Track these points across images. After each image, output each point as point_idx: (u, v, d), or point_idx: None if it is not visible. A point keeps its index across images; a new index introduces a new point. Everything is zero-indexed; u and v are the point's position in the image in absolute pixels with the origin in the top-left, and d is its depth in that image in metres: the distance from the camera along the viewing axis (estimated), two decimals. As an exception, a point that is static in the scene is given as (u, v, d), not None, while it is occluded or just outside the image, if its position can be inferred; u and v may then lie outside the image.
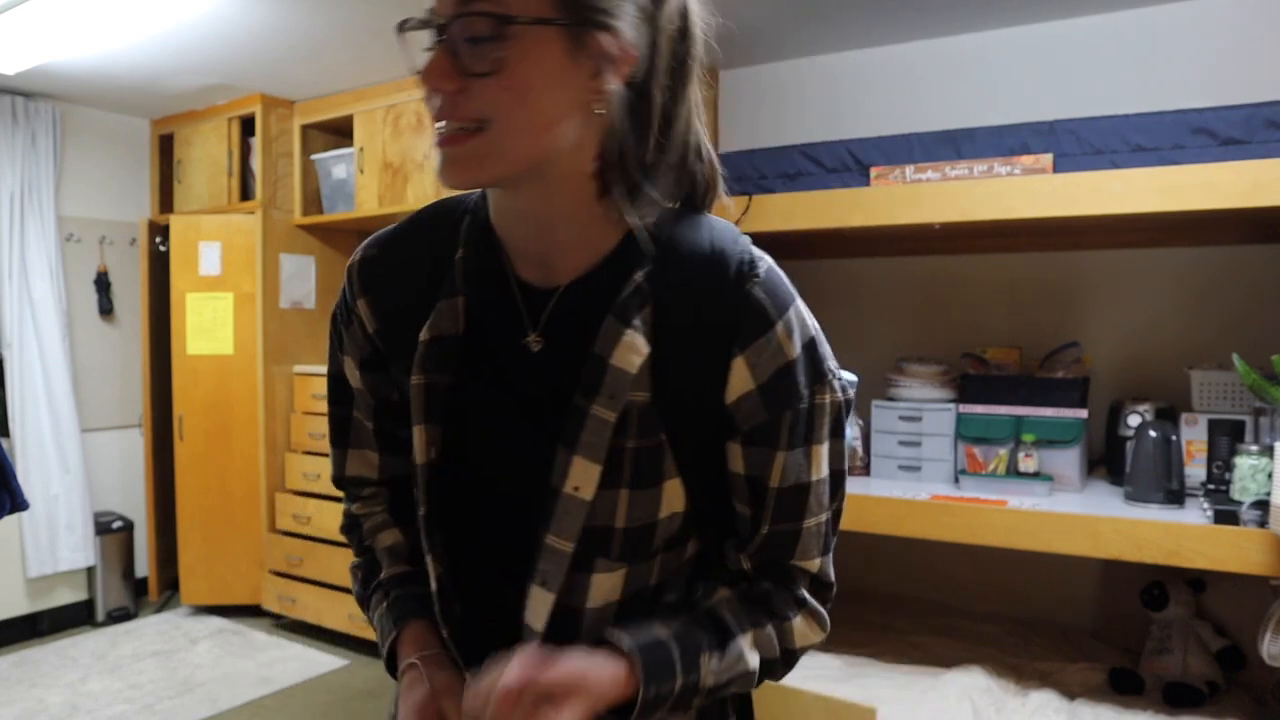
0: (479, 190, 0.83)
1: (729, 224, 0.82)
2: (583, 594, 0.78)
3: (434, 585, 0.82)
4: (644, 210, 0.75)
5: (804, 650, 0.85)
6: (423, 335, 0.78)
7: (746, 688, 0.83)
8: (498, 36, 0.67)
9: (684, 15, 0.77)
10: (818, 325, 0.82)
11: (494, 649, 0.73)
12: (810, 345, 0.79)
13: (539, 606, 0.77)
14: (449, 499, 0.81)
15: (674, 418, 0.76)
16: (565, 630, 0.78)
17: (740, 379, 0.76)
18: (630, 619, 0.79)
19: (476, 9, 0.67)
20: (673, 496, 0.79)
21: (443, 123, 0.70)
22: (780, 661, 0.84)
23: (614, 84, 0.71)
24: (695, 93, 0.80)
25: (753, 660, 0.80)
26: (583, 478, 0.74)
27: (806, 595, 0.83)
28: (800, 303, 0.80)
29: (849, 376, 0.88)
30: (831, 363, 0.82)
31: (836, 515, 0.84)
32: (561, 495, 0.75)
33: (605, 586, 0.79)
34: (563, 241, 0.77)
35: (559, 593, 0.77)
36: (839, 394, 0.81)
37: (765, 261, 0.80)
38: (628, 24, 0.71)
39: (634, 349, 0.74)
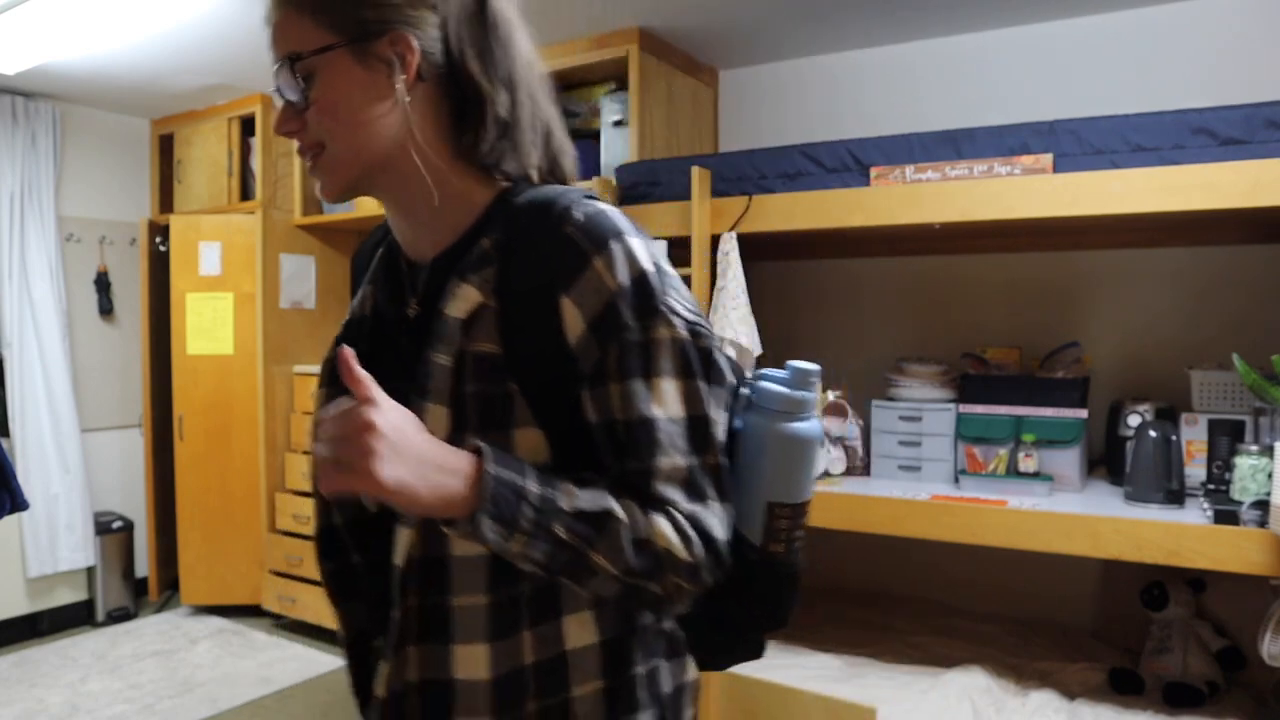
0: None
1: (579, 189, 0.86)
2: (444, 539, 0.79)
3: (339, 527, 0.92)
4: (497, 185, 0.86)
5: (672, 560, 0.77)
6: (343, 321, 0.94)
7: (614, 553, 0.75)
8: (300, 74, 0.80)
9: (483, 6, 0.84)
10: (662, 265, 0.82)
11: (376, 590, 0.84)
12: (641, 279, 0.79)
13: (401, 544, 0.80)
14: None
15: (521, 367, 0.79)
16: (434, 576, 0.80)
17: (572, 319, 0.78)
18: (501, 569, 0.78)
19: (278, 59, 0.81)
20: (530, 447, 0.79)
21: (302, 155, 0.84)
22: (653, 552, 0.76)
23: (403, 80, 0.80)
24: (529, 74, 0.86)
25: (617, 509, 0.75)
26: (435, 422, 0.78)
27: (678, 514, 0.78)
28: (633, 240, 0.80)
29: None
30: (673, 300, 0.80)
31: (714, 471, 0.81)
32: None
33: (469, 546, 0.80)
34: (426, 223, 0.86)
35: (422, 534, 0.79)
36: (682, 332, 0.80)
37: (591, 205, 0.81)
38: (407, 24, 0.80)
39: (464, 298, 0.80)
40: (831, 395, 2.62)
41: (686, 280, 2.62)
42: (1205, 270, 2.65)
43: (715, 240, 2.58)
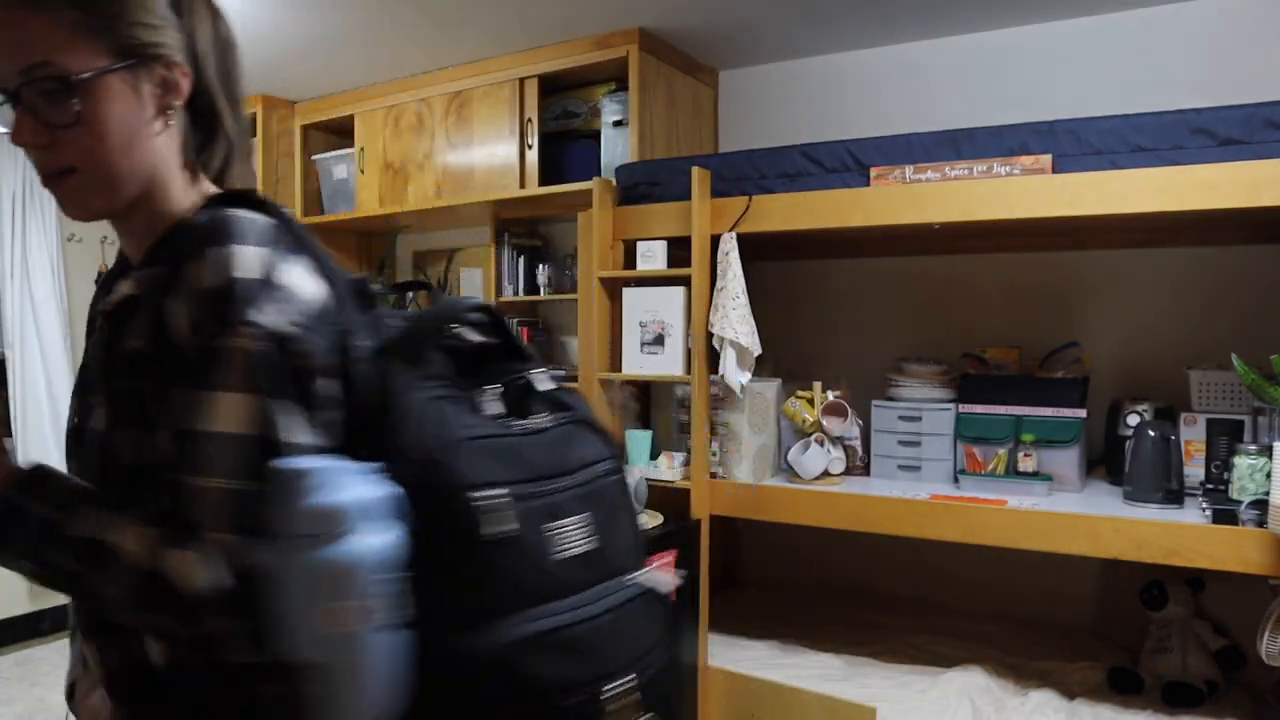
0: None
1: (240, 204, 0.82)
2: None
3: None
4: (205, 198, 0.86)
5: (180, 584, 0.70)
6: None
7: (106, 585, 0.72)
8: (69, 92, 0.75)
9: (222, 28, 0.87)
10: (274, 277, 0.76)
11: None
12: (227, 286, 0.73)
13: None
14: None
15: (151, 368, 0.77)
16: None
17: (175, 320, 0.75)
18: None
19: (42, 75, 0.75)
20: (166, 450, 0.75)
21: (41, 175, 0.79)
22: (147, 586, 0.71)
23: (177, 102, 0.81)
24: (243, 94, 0.90)
25: (116, 540, 0.72)
26: (99, 416, 0.80)
27: (203, 539, 0.72)
28: (237, 247, 0.75)
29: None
30: (264, 311, 0.74)
31: (247, 499, 0.72)
32: (86, 432, 0.82)
33: None
34: (145, 235, 0.85)
35: None
36: (258, 344, 0.73)
37: (222, 213, 0.78)
38: (173, 48, 0.80)
39: (115, 296, 0.81)
40: (831, 395, 2.62)
41: (686, 280, 2.63)
42: (1205, 270, 2.65)
43: (715, 240, 2.59)
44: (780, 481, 2.68)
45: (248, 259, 0.75)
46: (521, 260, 3.65)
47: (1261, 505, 1.96)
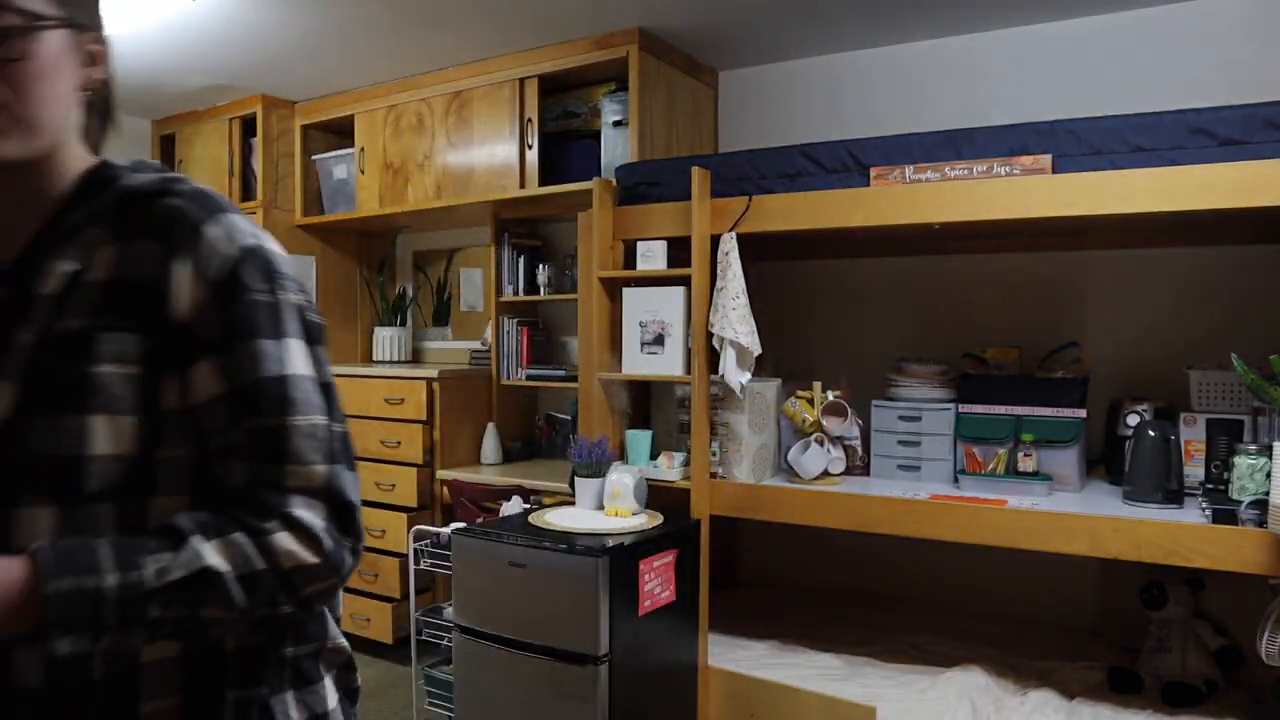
0: None
1: (148, 162, 0.89)
2: (7, 535, 0.73)
3: None
4: (84, 166, 0.84)
5: (302, 573, 0.75)
6: None
7: (225, 604, 0.72)
8: (20, 31, 0.75)
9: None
10: (264, 239, 0.83)
11: None
12: (255, 248, 0.80)
13: None
14: None
15: (115, 344, 0.75)
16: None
17: (185, 285, 0.77)
18: None
19: (11, 4, 0.75)
20: (112, 434, 0.74)
21: None
22: (273, 579, 0.73)
23: (97, 76, 0.83)
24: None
25: (216, 561, 0.71)
26: (3, 405, 0.74)
27: (298, 512, 0.76)
28: (237, 216, 0.81)
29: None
30: (285, 269, 0.83)
31: (344, 438, 0.81)
32: None
33: (34, 527, 0.73)
34: (34, 212, 0.81)
35: None
36: (303, 299, 0.83)
37: (189, 182, 0.84)
38: (101, 28, 0.84)
39: (54, 275, 0.77)
40: (831, 395, 2.63)
41: (686, 280, 2.63)
42: (1204, 270, 2.65)
43: (715, 240, 2.59)
44: (780, 481, 2.68)
45: (248, 224, 0.81)
46: (521, 260, 3.65)
47: (1261, 505, 1.96)
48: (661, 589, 2.44)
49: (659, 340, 2.71)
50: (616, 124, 3.14)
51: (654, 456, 2.77)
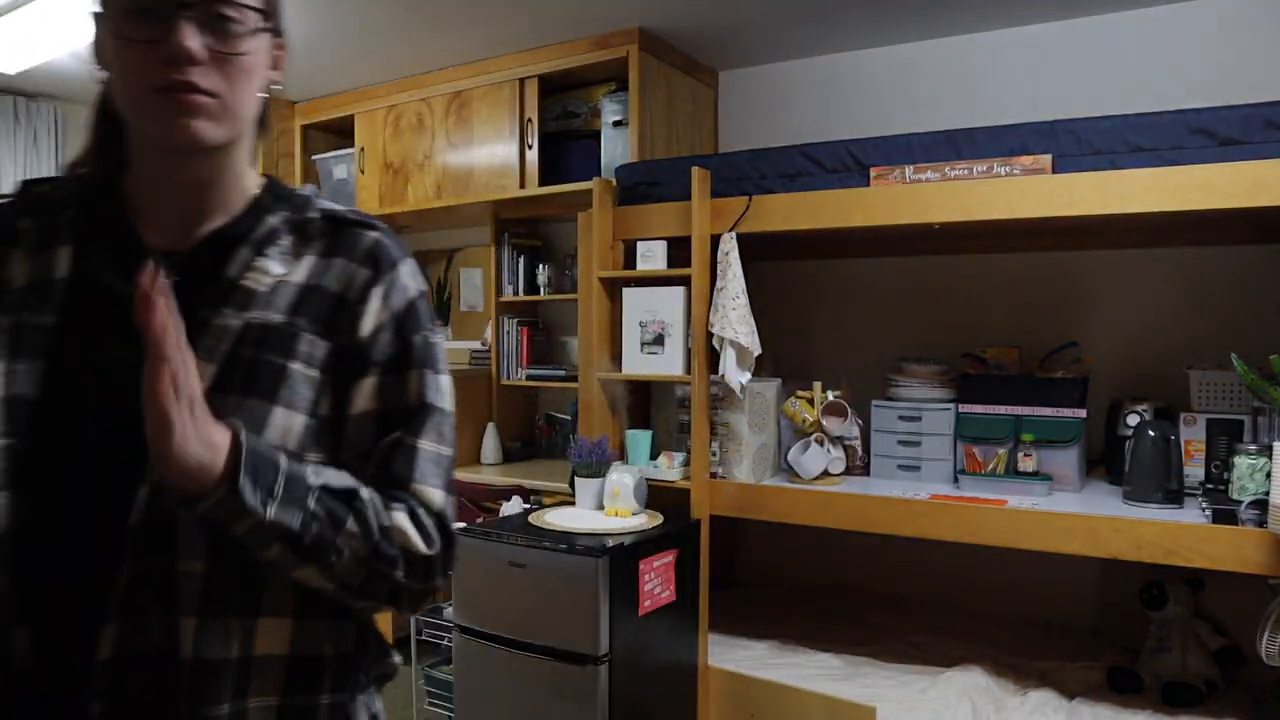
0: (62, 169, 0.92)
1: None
2: (170, 495, 0.75)
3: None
4: (257, 173, 0.92)
5: (410, 555, 0.81)
6: (24, 281, 0.82)
7: (359, 536, 0.77)
8: (243, 25, 0.80)
9: None
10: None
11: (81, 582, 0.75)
12: (424, 293, 0.92)
13: (139, 502, 0.75)
14: (40, 435, 0.79)
15: (307, 345, 0.82)
16: (162, 538, 0.75)
17: (375, 309, 0.86)
18: (219, 537, 0.77)
19: (249, 4, 0.81)
20: (282, 427, 0.79)
21: (180, 86, 0.78)
22: (390, 545, 0.79)
23: (277, 81, 0.89)
24: None
25: (360, 487, 0.79)
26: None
27: (419, 511, 0.83)
28: (413, 262, 0.93)
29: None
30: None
31: (452, 464, 0.90)
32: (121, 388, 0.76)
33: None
34: (213, 206, 0.86)
35: (153, 490, 0.75)
36: (443, 340, 0.93)
37: (379, 224, 0.93)
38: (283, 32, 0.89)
39: (264, 271, 0.84)
40: (831, 395, 2.62)
41: (686, 280, 2.63)
42: (1204, 270, 2.65)
43: (715, 240, 2.59)
44: (780, 481, 2.68)
45: (417, 270, 0.92)
46: (521, 260, 3.65)
47: (1261, 505, 1.96)
48: (661, 589, 2.44)
49: (659, 340, 2.71)
50: (616, 124, 3.14)
51: (654, 456, 2.77)
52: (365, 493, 0.79)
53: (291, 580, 0.78)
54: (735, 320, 2.50)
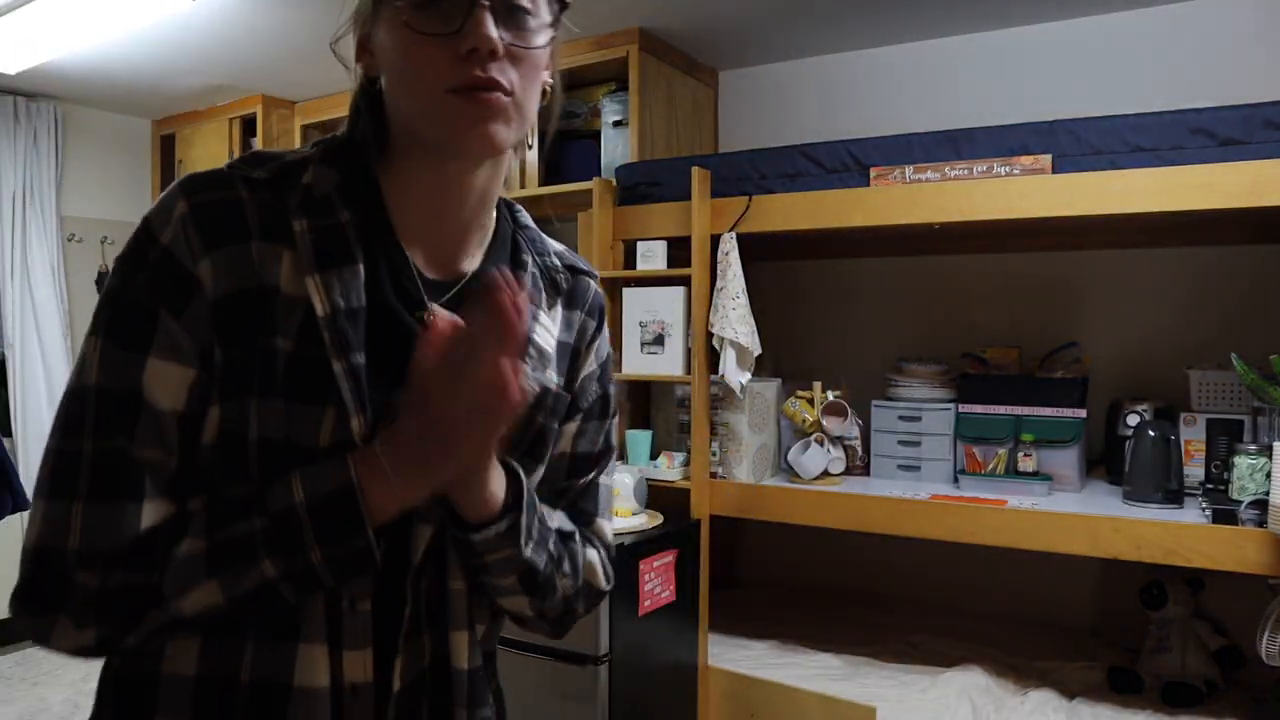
0: (302, 150, 0.76)
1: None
2: (444, 525, 0.77)
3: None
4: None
5: (591, 589, 0.87)
6: (324, 306, 0.68)
7: (570, 574, 0.83)
8: (536, 18, 0.73)
9: None
10: None
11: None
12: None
13: (421, 539, 0.74)
14: None
15: (555, 401, 0.83)
16: (439, 562, 0.77)
17: (591, 359, 0.88)
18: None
19: None
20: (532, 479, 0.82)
21: (482, 84, 0.69)
22: (580, 573, 0.84)
23: (551, 80, 0.80)
24: None
25: (576, 532, 0.85)
26: None
27: (601, 548, 0.89)
28: None
29: None
30: None
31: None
32: None
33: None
34: (474, 228, 0.80)
35: (436, 524, 0.75)
36: None
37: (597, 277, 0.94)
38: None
39: (549, 330, 0.83)
40: (831, 395, 2.62)
41: (686, 280, 2.63)
42: (1204, 270, 2.65)
43: (715, 240, 2.59)
44: (780, 481, 2.68)
45: None
46: (522, 260, 3.65)
47: (1261, 505, 1.96)
48: (661, 589, 2.44)
49: (659, 340, 2.71)
50: (616, 124, 3.14)
51: (654, 456, 2.77)
52: (578, 536, 0.84)
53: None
54: (735, 320, 2.50)
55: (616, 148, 3.12)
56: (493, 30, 0.69)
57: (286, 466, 0.67)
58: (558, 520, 0.83)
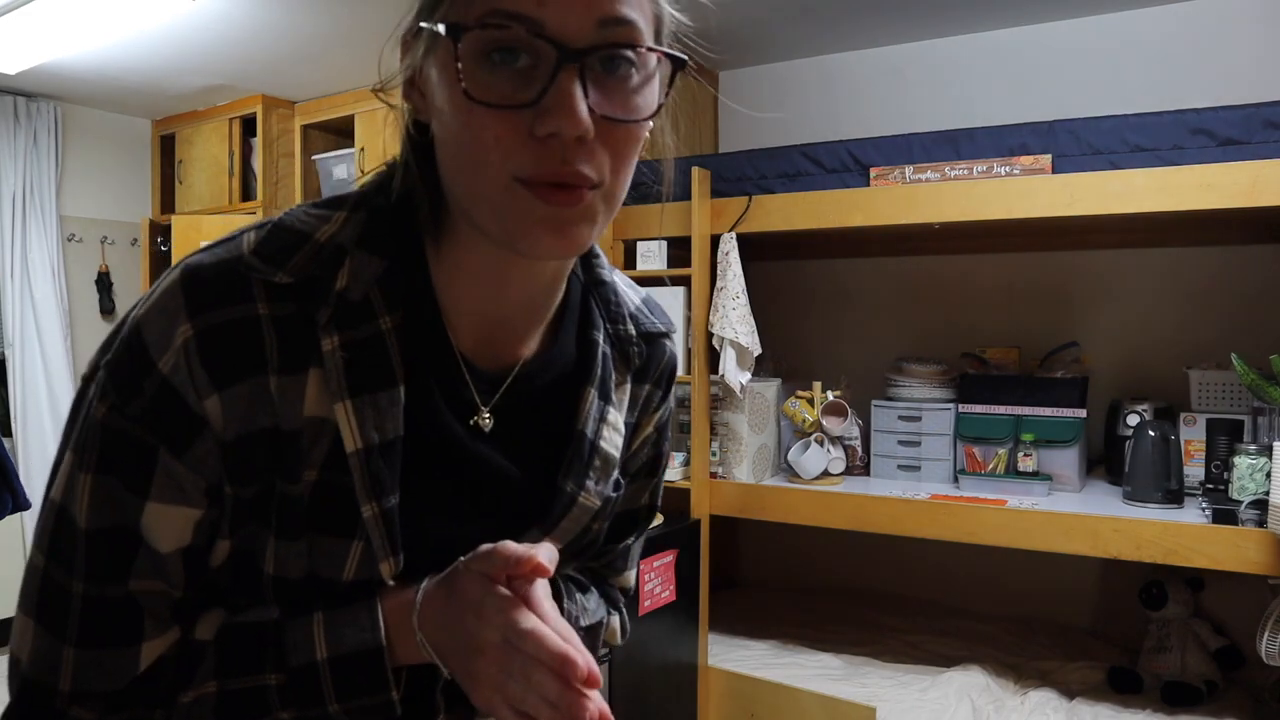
0: (336, 218, 0.62)
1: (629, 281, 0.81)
2: None
3: None
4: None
5: (607, 645, 0.82)
6: (355, 441, 0.58)
7: (593, 647, 0.77)
8: (641, 71, 0.56)
9: None
10: None
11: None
12: None
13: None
14: None
15: (616, 490, 0.74)
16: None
17: (646, 429, 0.78)
18: None
19: (645, 44, 0.55)
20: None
21: (565, 179, 0.53)
22: (601, 644, 0.81)
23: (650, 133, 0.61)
24: None
25: (606, 618, 0.79)
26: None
27: (622, 608, 0.83)
28: None
29: None
30: None
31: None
32: None
33: None
34: (537, 312, 0.67)
35: None
36: None
37: (672, 346, 0.80)
38: None
39: (617, 429, 0.71)
40: (831, 395, 2.62)
41: (686, 280, 2.63)
42: (1204, 270, 2.65)
43: (715, 240, 2.59)
44: (780, 481, 2.68)
45: None
46: (522, 260, 3.64)
47: (1261, 505, 1.96)
48: (662, 589, 2.44)
49: (659, 340, 2.71)
50: (616, 124, 3.13)
51: (654, 456, 2.77)
52: (605, 609, 0.78)
53: None
54: (735, 320, 2.50)
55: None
56: (583, 109, 0.51)
57: (307, 598, 0.59)
58: (591, 607, 0.75)
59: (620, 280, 0.75)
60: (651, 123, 0.58)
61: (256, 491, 0.58)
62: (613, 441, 0.70)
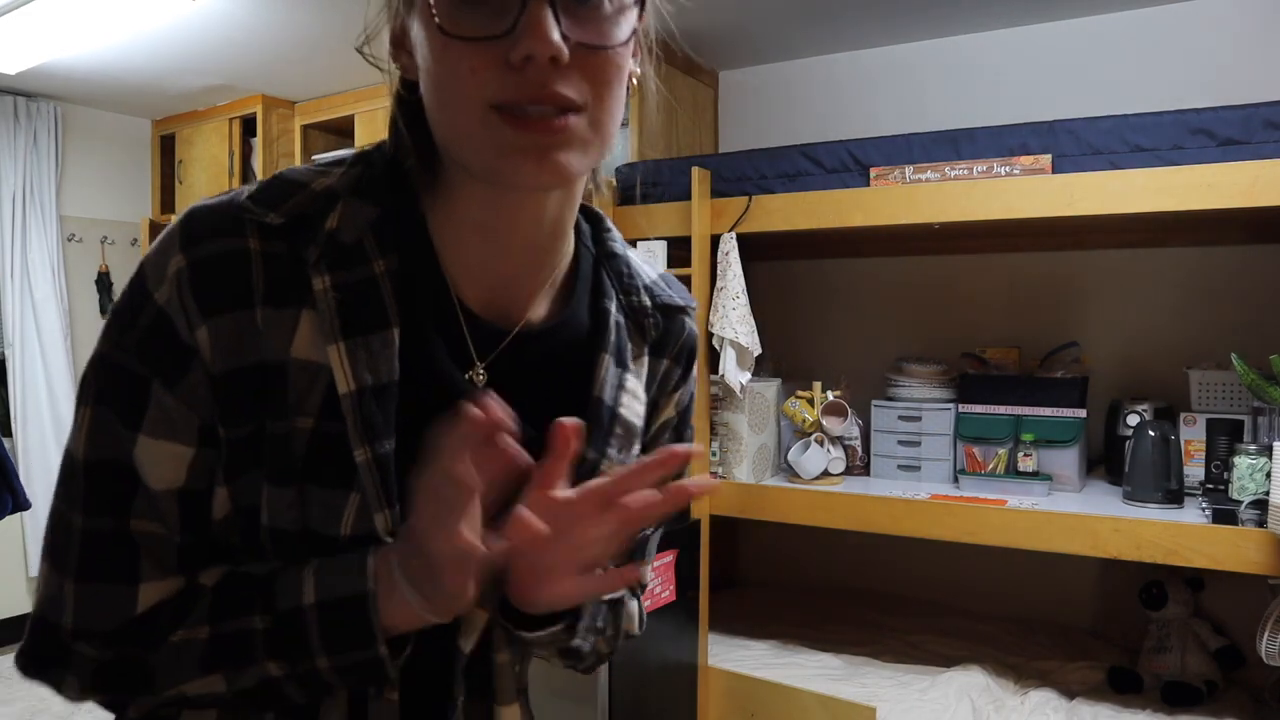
0: (334, 172, 0.63)
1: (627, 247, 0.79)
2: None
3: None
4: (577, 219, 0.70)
5: (626, 635, 0.80)
6: (348, 384, 0.58)
7: (611, 638, 0.77)
8: (609, 6, 0.57)
9: None
10: None
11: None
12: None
13: (476, 625, 0.68)
14: None
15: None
16: (487, 638, 0.71)
17: (667, 410, 0.77)
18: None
19: None
20: None
21: (541, 101, 0.55)
22: (620, 627, 0.79)
23: (634, 80, 0.65)
24: None
25: (628, 599, 0.79)
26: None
27: (640, 595, 0.83)
28: None
29: None
30: None
31: None
32: None
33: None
34: (541, 260, 0.67)
35: (489, 616, 0.69)
36: None
37: (693, 320, 0.79)
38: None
39: (638, 398, 0.70)
40: (831, 395, 2.62)
41: (686, 280, 2.63)
42: (1204, 270, 2.65)
43: (715, 240, 2.59)
44: (780, 481, 2.68)
45: None
46: (522, 260, 3.64)
47: (1261, 505, 1.96)
48: (661, 589, 2.44)
49: (659, 340, 2.71)
50: (616, 124, 3.13)
51: (654, 456, 2.76)
52: (628, 600, 0.77)
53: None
54: (735, 320, 2.50)
55: (616, 147, 3.12)
56: (554, 30, 0.53)
57: (304, 552, 0.59)
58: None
59: (634, 256, 0.76)
60: (633, 60, 0.61)
61: (249, 432, 0.58)
62: (634, 410, 0.70)
